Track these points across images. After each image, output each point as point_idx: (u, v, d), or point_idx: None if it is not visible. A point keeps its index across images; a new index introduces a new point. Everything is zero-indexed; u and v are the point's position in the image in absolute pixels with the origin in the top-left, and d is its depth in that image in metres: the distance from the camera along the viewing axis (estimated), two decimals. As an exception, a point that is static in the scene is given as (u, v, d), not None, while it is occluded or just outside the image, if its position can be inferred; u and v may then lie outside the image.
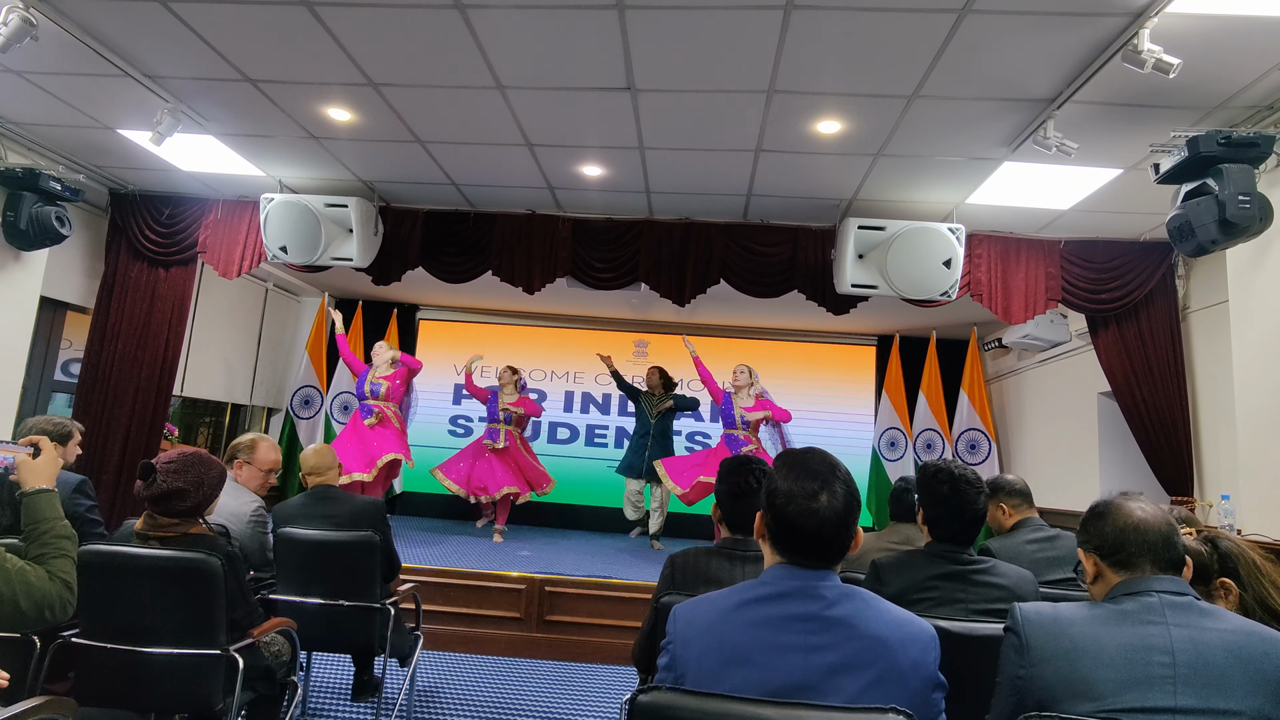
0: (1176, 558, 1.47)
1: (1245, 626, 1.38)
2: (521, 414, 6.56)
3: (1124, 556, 1.48)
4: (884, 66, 3.21)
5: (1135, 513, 1.50)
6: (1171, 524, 1.49)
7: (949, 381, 7.44)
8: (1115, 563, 1.49)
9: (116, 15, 3.20)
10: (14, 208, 4.44)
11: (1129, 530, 1.48)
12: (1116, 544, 1.49)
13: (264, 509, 3.20)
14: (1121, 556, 1.48)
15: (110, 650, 2.24)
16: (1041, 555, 2.74)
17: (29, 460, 1.84)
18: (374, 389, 6.19)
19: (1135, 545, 1.47)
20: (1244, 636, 1.35)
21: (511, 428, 6.52)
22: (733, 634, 1.29)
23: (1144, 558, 1.46)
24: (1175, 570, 1.47)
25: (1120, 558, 1.48)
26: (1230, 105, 3.29)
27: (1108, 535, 1.50)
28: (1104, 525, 1.52)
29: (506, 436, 6.44)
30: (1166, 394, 4.68)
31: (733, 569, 2.11)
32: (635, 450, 6.64)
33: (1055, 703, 1.35)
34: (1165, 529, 1.48)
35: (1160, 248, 4.81)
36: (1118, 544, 1.48)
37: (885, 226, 4.62)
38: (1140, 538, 1.47)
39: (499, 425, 6.47)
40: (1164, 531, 1.47)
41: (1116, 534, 1.49)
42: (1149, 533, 1.47)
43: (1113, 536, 1.49)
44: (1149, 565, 1.46)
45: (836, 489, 1.34)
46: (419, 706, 3.66)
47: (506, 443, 6.40)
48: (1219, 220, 3.13)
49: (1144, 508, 1.51)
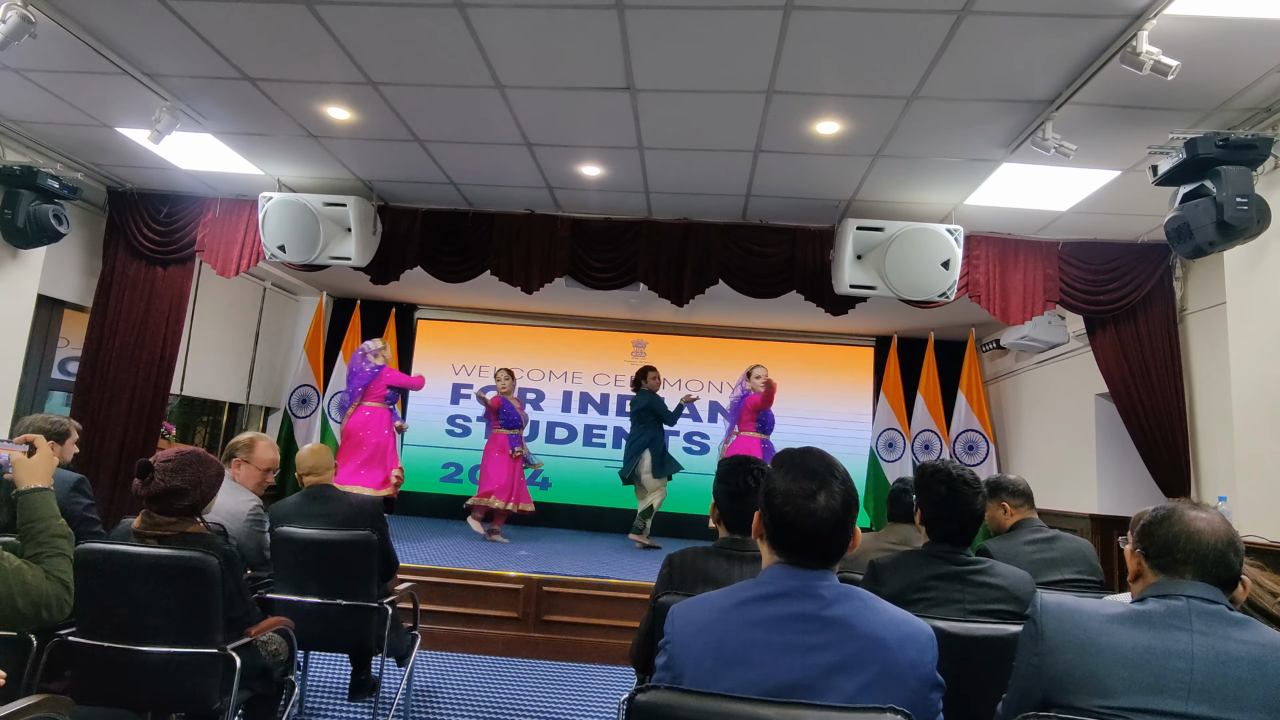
0: (1227, 575, 1.41)
1: (1275, 640, 1.33)
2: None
3: (1168, 560, 1.43)
4: (883, 67, 3.21)
5: (1195, 521, 1.44)
6: (1233, 541, 1.42)
7: (947, 383, 7.45)
8: (1158, 565, 1.44)
9: (115, 13, 3.19)
10: (11, 205, 4.44)
11: (1181, 536, 1.42)
12: (1165, 547, 1.43)
13: (261, 508, 3.19)
14: (1166, 560, 1.43)
15: (107, 649, 2.23)
16: (1039, 556, 2.74)
17: (24, 459, 1.84)
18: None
19: (1184, 552, 1.41)
20: (1271, 651, 1.30)
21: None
22: (731, 634, 1.29)
23: (1189, 565, 1.41)
24: (1223, 586, 1.40)
25: (1164, 561, 1.44)
26: (1228, 107, 3.30)
27: (1159, 538, 1.45)
28: (1160, 528, 1.46)
29: None
30: (1164, 395, 4.69)
31: (730, 569, 2.11)
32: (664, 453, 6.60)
33: (1063, 694, 1.34)
34: (1222, 544, 1.41)
35: (1158, 249, 4.81)
36: (1166, 547, 1.43)
37: (884, 227, 4.62)
38: (1191, 545, 1.41)
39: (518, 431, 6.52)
40: (1219, 546, 1.40)
41: (1169, 538, 1.43)
42: (1203, 543, 1.41)
43: (1163, 540, 1.44)
44: (1191, 573, 1.40)
45: (834, 488, 1.34)
46: (416, 706, 3.65)
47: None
48: (1217, 222, 3.13)
49: (1208, 519, 1.44)
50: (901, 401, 7.57)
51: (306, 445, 3.53)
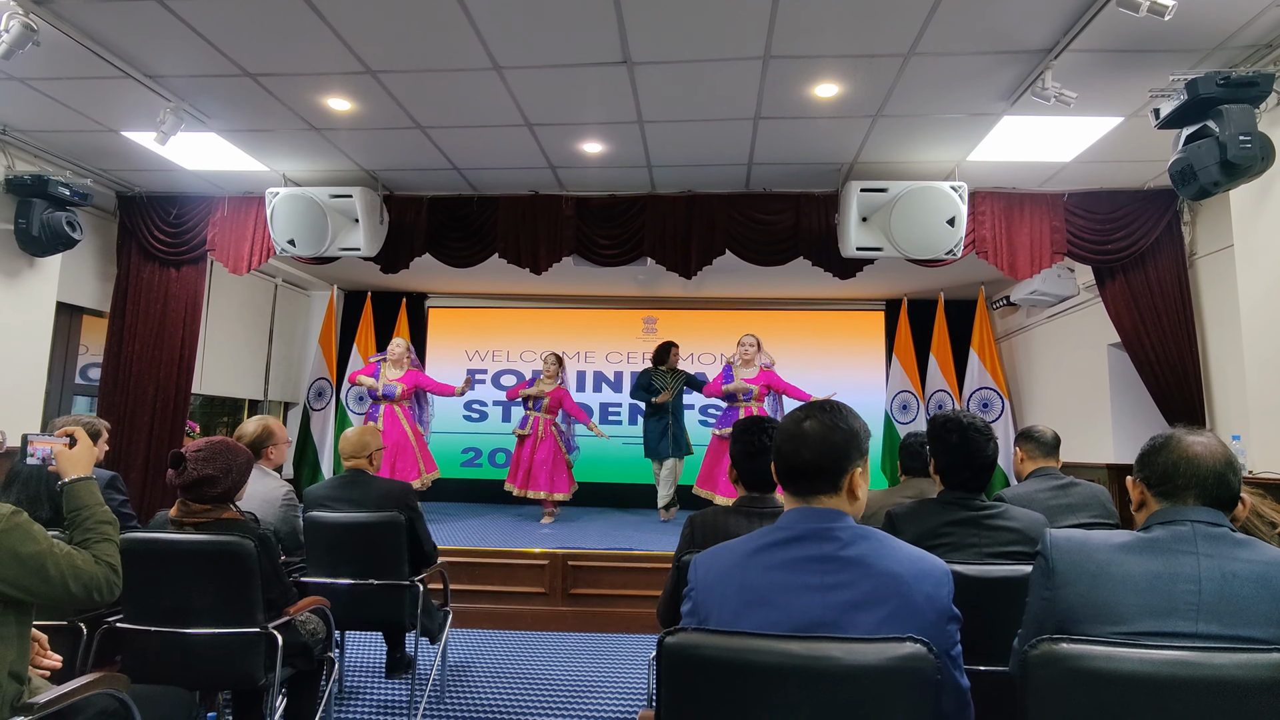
0: (1227, 495, 1.44)
1: (1278, 558, 1.36)
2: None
3: (1170, 487, 1.46)
4: (878, 25, 3.21)
5: (1192, 446, 1.46)
6: (1230, 462, 1.45)
7: (958, 342, 7.45)
8: (1161, 493, 1.48)
9: (114, 15, 3.23)
10: (25, 215, 4.51)
11: (1181, 462, 1.45)
12: (1166, 474, 1.47)
13: (293, 493, 3.28)
14: (1168, 487, 1.46)
15: (154, 633, 2.33)
16: (1055, 502, 2.77)
17: (66, 451, 1.91)
18: (388, 391, 6.23)
19: (1185, 477, 1.44)
20: (1275, 568, 1.34)
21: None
22: (752, 577, 1.34)
23: (1190, 490, 1.44)
24: (1223, 506, 1.44)
25: (1166, 488, 1.46)
26: (1228, 45, 3.27)
27: (1159, 465, 1.48)
28: (1158, 456, 1.49)
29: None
30: (1176, 341, 4.69)
31: (750, 526, 2.16)
32: (660, 434, 6.55)
33: (1076, 624, 1.37)
34: (1220, 466, 1.44)
35: (1164, 195, 4.79)
36: (1167, 474, 1.46)
37: (888, 188, 4.62)
38: (1191, 470, 1.44)
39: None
40: (1217, 468, 1.44)
41: (1169, 465, 1.46)
42: (1201, 467, 1.44)
43: (1163, 467, 1.47)
44: (1193, 498, 1.44)
45: (823, 417, 1.42)
46: (451, 681, 3.76)
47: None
48: (1220, 161, 3.13)
49: (1204, 442, 1.47)
50: (914, 363, 7.58)
51: (352, 428, 3.59)
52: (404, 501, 3.29)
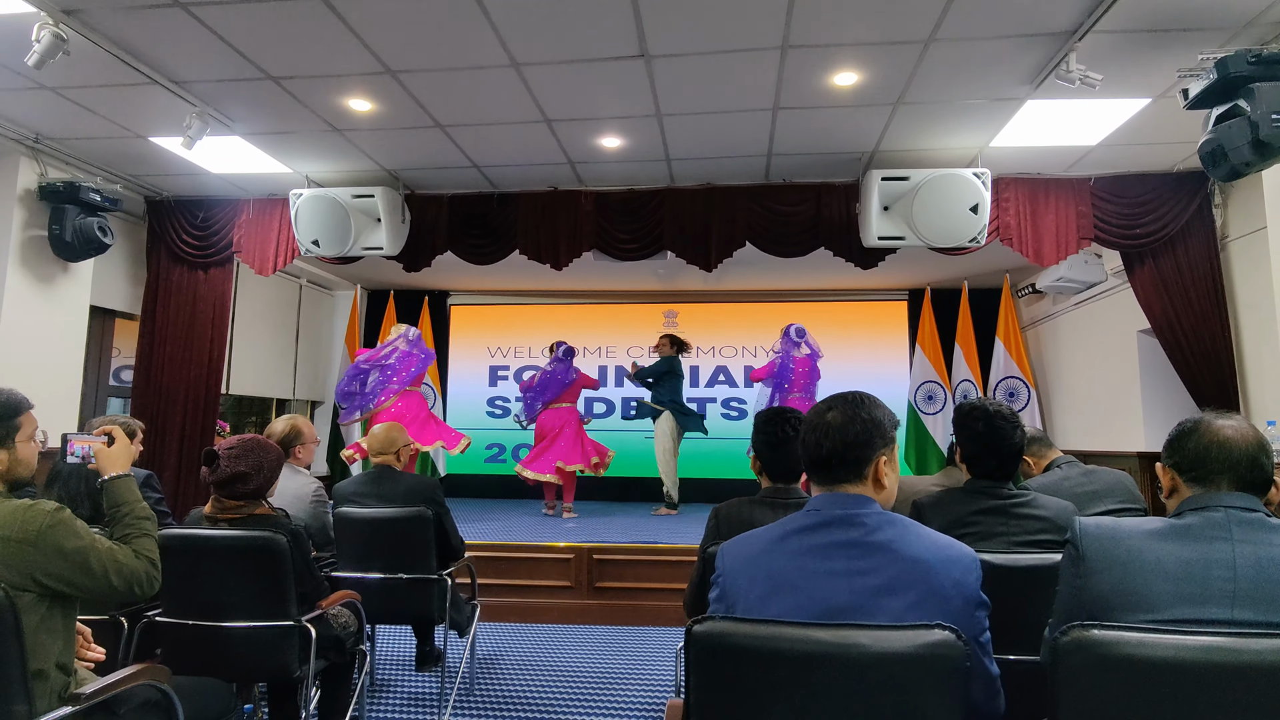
0: (1261, 479, 1.41)
1: None
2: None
3: (1202, 472, 1.43)
4: (897, 12, 3.18)
5: (1223, 430, 1.44)
6: (1263, 445, 1.43)
7: (983, 331, 7.37)
8: (1193, 478, 1.45)
9: (141, 24, 3.29)
10: (58, 221, 4.62)
11: (1213, 447, 1.43)
12: (1197, 459, 1.44)
13: (324, 490, 3.34)
14: (1199, 472, 1.44)
15: (192, 626, 2.38)
16: (1081, 490, 2.74)
17: (105, 449, 1.96)
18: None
19: (1216, 462, 1.42)
20: None
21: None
22: (778, 563, 1.35)
23: (1223, 475, 1.41)
24: (1257, 491, 1.41)
25: (1198, 473, 1.44)
26: (1259, 22, 3.20)
27: (1189, 451, 1.46)
28: (1188, 441, 1.47)
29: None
30: (1208, 325, 4.61)
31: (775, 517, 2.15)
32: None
33: (1108, 612, 1.36)
34: (1253, 449, 1.42)
35: (1195, 178, 4.70)
36: (1198, 459, 1.44)
37: (909, 176, 4.58)
38: (1224, 454, 1.42)
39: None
40: (1250, 451, 1.41)
41: (1200, 450, 1.44)
42: (1234, 450, 1.41)
43: (1194, 452, 1.45)
44: (1226, 482, 1.41)
45: (844, 408, 1.44)
46: (481, 674, 3.80)
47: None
48: (1252, 141, 3.06)
49: (1235, 426, 1.45)
50: (939, 353, 7.51)
51: (379, 425, 3.64)
52: (431, 496, 3.33)
